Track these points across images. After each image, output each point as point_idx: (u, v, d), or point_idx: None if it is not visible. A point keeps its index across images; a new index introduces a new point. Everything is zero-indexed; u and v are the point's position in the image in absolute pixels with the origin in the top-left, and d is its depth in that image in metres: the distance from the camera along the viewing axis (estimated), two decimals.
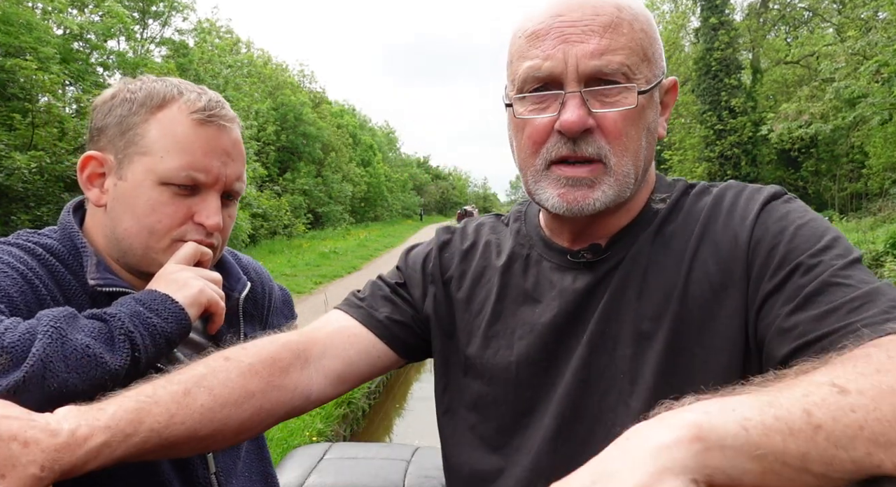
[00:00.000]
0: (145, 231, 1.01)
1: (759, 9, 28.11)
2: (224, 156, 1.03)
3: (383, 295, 1.06)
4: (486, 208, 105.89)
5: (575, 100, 0.83)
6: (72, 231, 1.02)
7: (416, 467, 2.30)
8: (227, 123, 1.04)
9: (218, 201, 1.03)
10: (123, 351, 0.85)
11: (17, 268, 0.90)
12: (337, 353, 0.98)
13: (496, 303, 0.98)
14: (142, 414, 0.75)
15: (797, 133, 21.44)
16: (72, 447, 0.68)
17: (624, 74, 0.84)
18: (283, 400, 0.91)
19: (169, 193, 1.00)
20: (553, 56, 0.84)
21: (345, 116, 44.58)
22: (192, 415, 0.79)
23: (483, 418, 0.95)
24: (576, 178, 0.86)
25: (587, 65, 0.82)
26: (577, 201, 0.86)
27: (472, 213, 39.79)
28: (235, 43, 25.08)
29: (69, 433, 0.68)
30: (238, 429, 0.86)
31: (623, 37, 0.84)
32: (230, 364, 0.87)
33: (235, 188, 1.07)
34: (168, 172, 0.99)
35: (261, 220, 22.18)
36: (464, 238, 1.08)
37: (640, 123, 0.87)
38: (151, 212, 1.00)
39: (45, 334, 0.78)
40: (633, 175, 0.87)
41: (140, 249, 1.02)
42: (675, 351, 0.84)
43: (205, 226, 1.02)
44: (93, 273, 0.98)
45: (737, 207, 0.88)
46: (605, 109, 0.84)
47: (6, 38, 11.58)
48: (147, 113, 1.01)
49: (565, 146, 0.85)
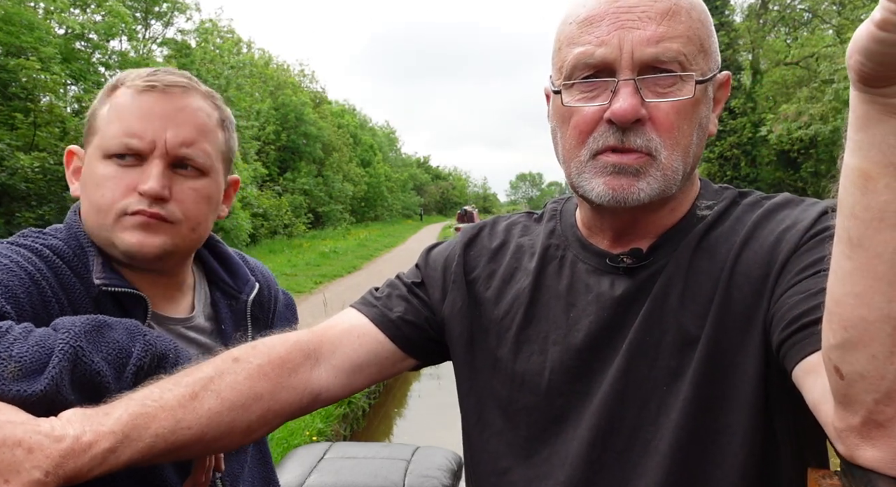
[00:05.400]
0: (94, 208, 0.99)
1: (758, 10, 28.10)
2: (163, 120, 0.98)
3: (399, 294, 1.03)
4: (486, 208, 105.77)
5: (628, 88, 0.79)
6: (77, 231, 1.01)
7: (416, 467, 2.31)
8: (171, 89, 1.00)
9: (159, 168, 0.98)
10: (128, 381, 0.84)
11: (26, 269, 0.89)
12: (347, 352, 0.96)
13: (528, 306, 0.93)
14: (148, 419, 0.74)
15: (797, 134, 21.43)
16: (76, 453, 0.67)
17: (680, 64, 0.79)
18: (292, 400, 0.89)
19: (113, 167, 0.98)
20: (608, 42, 0.79)
21: (345, 116, 44.53)
22: (199, 419, 0.78)
23: (512, 425, 0.92)
24: (622, 165, 0.81)
25: (643, 52, 0.79)
26: (622, 189, 0.81)
27: (472, 213, 39.73)
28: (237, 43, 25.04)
29: (74, 439, 0.67)
30: (245, 431, 0.85)
31: (681, 25, 0.80)
32: (238, 365, 0.86)
33: (183, 154, 1.00)
34: (106, 143, 0.98)
35: (261, 220, 22.17)
36: (493, 236, 1.04)
37: (694, 117, 0.82)
38: (97, 187, 0.99)
39: (63, 353, 0.77)
40: (681, 171, 0.83)
41: (96, 229, 1.00)
42: (716, 361, 0.81)
43: (141, 192, 0.97)
44: (98, 272, 0.97)
45: (788, 217, 0.84)
46: (660, 99, 0.80)
47: (8, 38, 11.57)
48: (104, 97, 1.03)
49: (613, 136, 0.81)
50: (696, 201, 0.92)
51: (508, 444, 0.91)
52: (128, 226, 0.98)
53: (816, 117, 20.75)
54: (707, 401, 0.81)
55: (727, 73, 0.89)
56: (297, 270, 15.97)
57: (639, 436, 0.84)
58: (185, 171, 1.02)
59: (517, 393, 0.91)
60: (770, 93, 28.95)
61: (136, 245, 0.98)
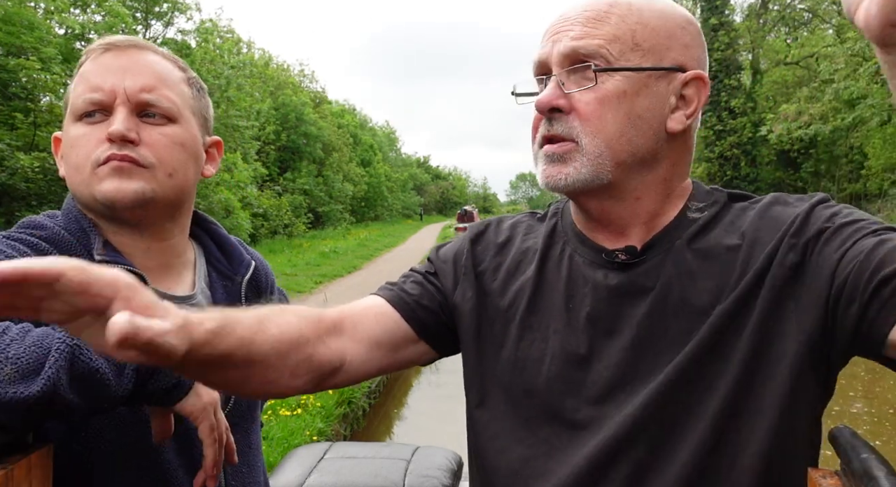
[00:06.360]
0: (73, 170, 1.01)
1: (758, 10, 28.12)
2: (121, 71, 1.01)
3: (414, 280, 1.07)
4: (486, 208, 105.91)
5: (552, 82, 0.89)
6: (76, 214, 1.02)
7: (416, 467, 2.31)
8: (128, 47, 1.04)
9: (123, 114, 1.00)
10: (128, 378, 0.83)
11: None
12: (366, 327, 0.98)
13: (531, 297, 0.98)
14: (234, 324, 0.76)
15: (796, 134, 21.47)
16: (194, 323, 0.68)
17: (604, 57, 0.86)
18: (326, 358, 0.91)
19: (83, 126, 1.01)
20: (544, 45, 0.91)
21: (345, 116, 44.57)
22: (267, 341, 0.81)
23: (513, 407, 0.95)
24: (551, 154, 0.90)
25: (567, 46, 0.88)
26: (552, 176, 0.89)
27: (472, 213, 39.78)
28: (237, 43, 25.07)
29: (185, 314, 0.68)
30: (290, 375, 0.86)
31: (608, 26, 0.87)
32: (284, 311, 0.89)
33: (144, 99, 1.01)
34: (74, 107, 1.01)
35: (261, 220, 22.19)
36: (498, 232, 1.09)
37: (620, 108, 0.87)
38: (72, 149, 1.01)
39: (60, 353, 0.76)
40: (609, 157, 0.88)
41: (79, 191, 1.01)
42: (714, 352, 0.84)
43: (108, 136, 0.98)
44: (99, 249, 0.99)
45: (784, 213, 0.88)
46: (577, 89, 0.88)
47: (8, 38, 11.59)
48: (74, 74, 1.06)
49: (543, 126, 0.90)
50: (687, 202, 0.95)
51: (509, 425, 0.95)
52: (103, 176, 0.98)
53: (816, 117, 20.79)
54: (705, 387, 0.84)
55: (696, 72, 0.92)
56: (297, 270, 15.99)
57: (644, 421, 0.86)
58: (152, 119, 1.03)
59: (518, 378, 0.95)
60: (770, 93, 28.97)
61: (112, 191, 0.98)
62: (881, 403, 7.99)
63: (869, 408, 7.76)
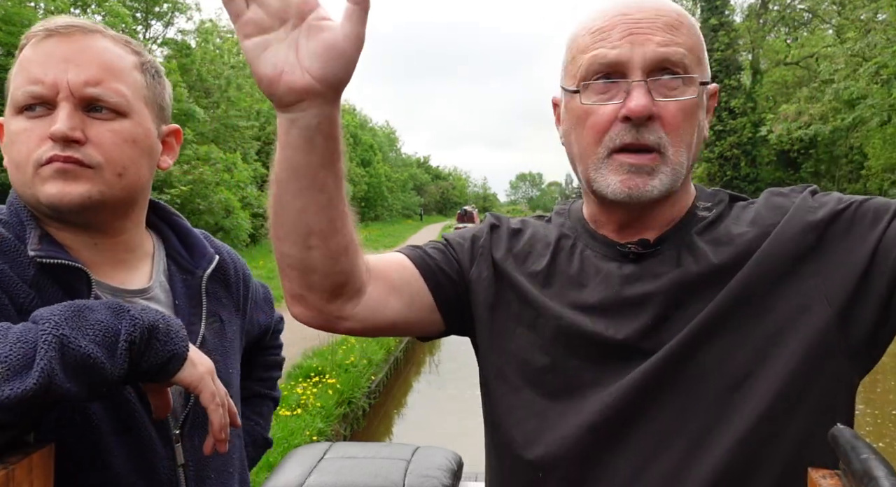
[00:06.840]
0: (14, 167, 0.95)
1: (758, 10, 28.12)
2: (63, 62, 0.93)
3: (436, 247, 1.10)
4: (486, 208, 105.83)
5: (641, 88, 0.87)
6: (18, 206, 0.97)
7: (416, 467, 2.31)
8: (71, 32, 0.95)
9: (66, 110, 0.92)
10: (122, 358, 0.81)
11: None
12: (390, 273, 1.02)
13: (546, 278, 1.00)
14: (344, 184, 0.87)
15: (796, 134, 21.46)
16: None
17: (685, 67, 0.88)
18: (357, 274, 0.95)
19: (24, 121, 0.94)
20: (620, 46, 0.89)
21: (345, 116, 44.49)
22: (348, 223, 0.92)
23: (529, 383, 0.97)
24: (638, 166, 0.89)
25: (655, 52, 0.87)
26: (637, 187, 0.89)
27: (472, 213, 39.81)
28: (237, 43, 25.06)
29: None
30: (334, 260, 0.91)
31: (683, 36, 0.89)
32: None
33: (90, 94, 0.94)
34: (14, 99, 0.94)
35: (261, 220, 22.16)
36: (511, 224, 1.13)
37: (695, 118, 0.91)
38: (12, 145, 0.94)
39: (48, 345, 0.75)
40: (685, 165, 0.91)
41: (21, 190, 0.95)
42: (732, 321, 0.87)
43: (50, 136, 0.91)
44: (34, 245, 0.92)
45: (785, 201, 0.94)
46: (668, 99, 0.88)
47: (8, 38, 11.59)
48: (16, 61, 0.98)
49: (629, 134, 0.88)
50: (694, 202, 1.00)
51: (525, 399, 0.97)
52: (46, 177, 0.92)
53: (816, 117, 20.79)
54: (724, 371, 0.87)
55: (716, 85, 0.98)
56: None
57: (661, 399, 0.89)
58: (99, 114, 0.95)
59: (533, 357, 0.97)
60: (770, 93, 28.98)
61: (56, 195, 0.92)
62: (883, 405, 8.00)
63: (871, 410, 7.77)
